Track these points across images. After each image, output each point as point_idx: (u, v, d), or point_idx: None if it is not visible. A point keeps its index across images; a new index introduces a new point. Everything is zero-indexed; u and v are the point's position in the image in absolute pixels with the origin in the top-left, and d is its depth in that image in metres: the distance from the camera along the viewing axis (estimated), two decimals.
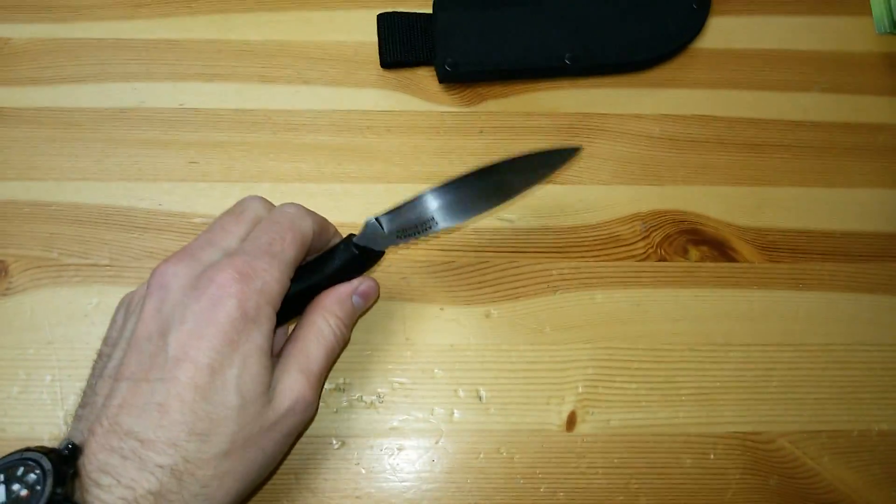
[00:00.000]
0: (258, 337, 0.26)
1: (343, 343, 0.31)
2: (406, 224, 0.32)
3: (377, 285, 0.33)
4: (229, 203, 0.38)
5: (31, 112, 0.40)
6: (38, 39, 0.42)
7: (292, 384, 0.28)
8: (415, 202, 0.32)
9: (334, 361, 0.32)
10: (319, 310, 0.30)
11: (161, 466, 0.24)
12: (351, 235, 0.32)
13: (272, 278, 0.27)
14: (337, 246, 0.32)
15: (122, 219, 0.38)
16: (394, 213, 0.32)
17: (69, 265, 0.37)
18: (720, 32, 0.45)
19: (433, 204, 0.32)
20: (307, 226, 0.30)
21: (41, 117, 0.40)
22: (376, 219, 0.32)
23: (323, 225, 0.32)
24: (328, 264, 0.31)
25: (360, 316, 0.36)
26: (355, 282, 0.32)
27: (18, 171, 0.39)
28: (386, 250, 0.32)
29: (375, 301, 0.34)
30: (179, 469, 0.25)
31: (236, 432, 0.25)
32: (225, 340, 0.25)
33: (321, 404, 0.35)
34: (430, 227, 0.32)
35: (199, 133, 0.40)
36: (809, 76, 0.45)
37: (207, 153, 0.40)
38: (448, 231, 0.38)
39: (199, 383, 0.25)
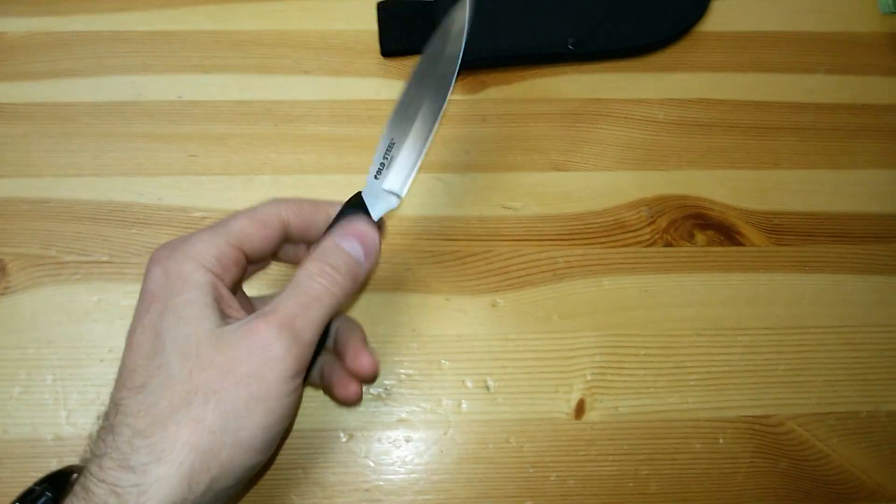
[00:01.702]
0: (184, 287, 0.26)
1: (336, 289, 0.27)
2: (383, 159, 0.31)
3: (371, 227, 0.29)
4: (230, 196, 0.38)
5: (27, 107, 0.40)
6: (34, 33, 0.41)
7: (246, 326, 0.25)
8: (381, 137, 0.31)
9: (330, 313, 0.27)
10: (302, 263, 0.28)
11: (104, 428, 0.25)
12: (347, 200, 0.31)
13: (198, 239, 0.27)
14: (338, 212, 0.30)
15: (121, 214, 0.38)
16: (378, 163, 0.31)
17: (68, 263, 0.36)
18: (723, 15, 0.45)
19: (394, 134, 0.31)
20: (271, 210, 0.29)
21: (37, 113, 0.40)
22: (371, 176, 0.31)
23: (298, 207, 0.30)
24: (326, 232, 0.30)
25: (371, 272, 0.33)
26: (337, 229, 0.29)
27: (15, 168, 0.38)
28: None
29: (379, 249, 0.30)
30: (116, 424, 0.24)
31: (172, 378, 0.24)
32: (151, 300, 0.26)
33: (326, 397, 0.35)
34: (395, 152, 0.31)
35: (199, 126, 0.40)
36: (814, 58, 0.44)
37: (207, 146, 0.39)
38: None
39: (134, 343, 0.25)
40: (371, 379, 0.35)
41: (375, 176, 0.31)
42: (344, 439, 0.34)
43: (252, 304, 0.31)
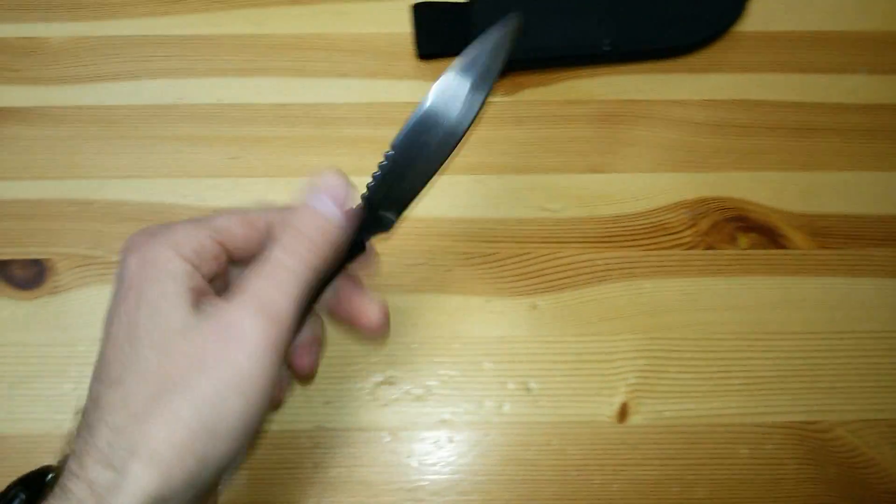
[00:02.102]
0: (160, 277, 0.25)
1: (313, 258, 0.25)
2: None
3: (334, 173, 0.27)
4: (272, 198, 0.39)
5: (73, 110, 0.40)
6: (76, 38, 0.42)
7: (216, 311, 0.24)
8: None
9: (306, 284, 0.25)
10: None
11: (83, 425, 0.24)
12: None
13: (178, 229, 0.26)
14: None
15: (165, 215, 0.38)
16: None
17: (115, 263, 0.37)
18: (761, 15, 0.44)
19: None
20: (259, 211, 0.28)
21: (82, 115, 0.40)
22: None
23: (282, 213, 0.28)
24: None
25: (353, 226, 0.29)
26: (308, 188, 0.27)
27: (62, 170, 0.39)
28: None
29: (349, 188, 0.27)
30: (93, 420, 0.23)
31: (146, 371, 0.24)
32: (126, 288, 0.25)
33: (369, 397, 0.35)
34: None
35: (239, 128, 0.40)
36: (855, 57, 0.44)
37: (248, 148, 0.40)
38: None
39: (111, 335, 0.25)
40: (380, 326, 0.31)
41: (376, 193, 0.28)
42: (387, 439, 0.34)
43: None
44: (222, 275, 0.28)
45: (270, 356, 0.24)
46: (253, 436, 0.25)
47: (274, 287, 0.25)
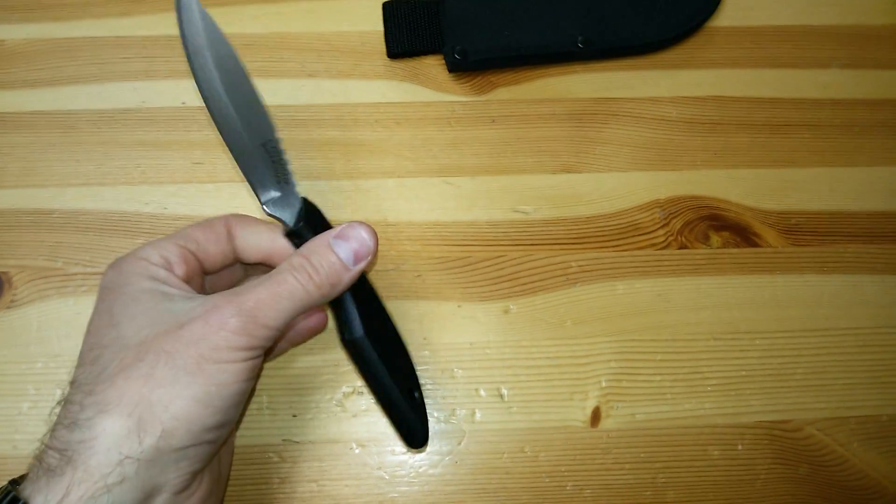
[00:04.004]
0: (133, 278, 0.27)
1: (313, 290, 0.27)
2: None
3: (370, 236, 0.29)
4: (237, 204, 0.38)
5: (29, 116, 0.39)
6: (34, 40, 0.41)
7: (206, 300, 0.26)
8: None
9: (299, 308, 0.27)
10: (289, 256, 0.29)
11: (59, 403, 0.25)
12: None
13: (148, 244, 0.28)
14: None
15: (127, 224, 0.37)
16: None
17: (75, 274, 0.36)
18: (736, 10, 0.44)
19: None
20: (220, 219, 0.30)
21: (39, 121, 0.39)
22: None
23: (247, 224, 0.31)
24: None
25: (372, 263, 0.34)
26: (336, 229, 0.29)
27: (18, 179, 0.38)
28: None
29: (374, 250, 0.29)
30: (68, 395, 0.25)
31: (124, 345, 0.25)
32: (105, 294, 0.27)
33: (338, 408, 0.34)
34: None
35: (203, 132, 0.39)
36: (828, 52, 0.43)
37: (212, 153, 0.39)
38: (459, 224, 0.37)
39: (91, 328, 0.27)
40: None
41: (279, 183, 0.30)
42: (357, 451, 0.34)
43: None
44: (196, 278, 0.29)
45: (248, 349, 0.26)
46: (233, 416, 0.26)
47: (269, 303, 0.26)
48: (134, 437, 0.23)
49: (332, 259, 0.28)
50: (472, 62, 0.40)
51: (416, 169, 0.39)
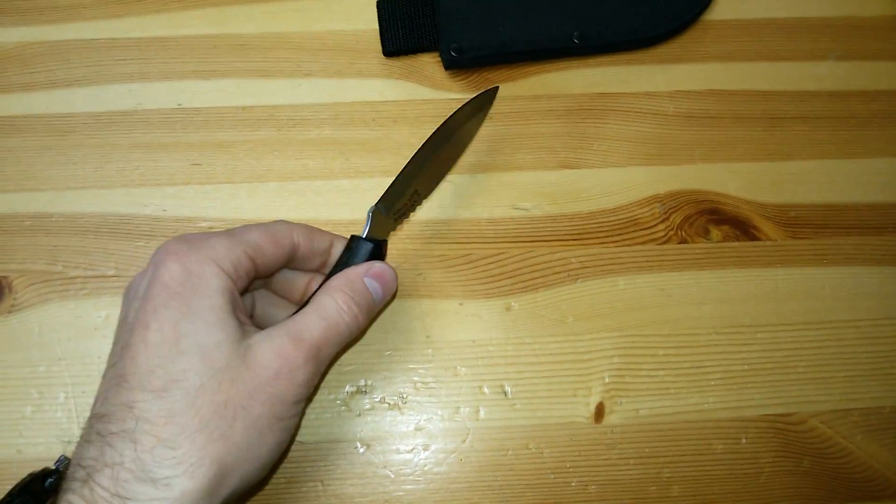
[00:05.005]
0: (207, 291, 0.25)
1: (354, 326, 0.28)
2: (400, 204, 0.33)
3: (392, 270, 0.31)
4: (236, 205, 0.38)
5: (24, 119, 0.39)
6: (27, 43, 0.40)
7: (275, 345, 0.25)
8: (400, 180, 0.32)
9: (343, 346, 0.29)
10: (326, 290, 0.28)
11: (115, 433, 0.23)
12: (354, 235, 0.31)
13: (217, 242, 0.27)
14: (347, 246, 0.31)
15: (126, 227, 0.37)
16: (387, 197, 0.32)
17: (75, 278, 0.36)
18: (730, 3, 0.44)
19: (413, 177, 0.33)
20: (284, 229, 0.30)
21: (35, 125, 0.39)
22: (376, 207, 0.31)
23: (308, 233, 0.31)
24: (341, 264, 0.30)
25: (382, 309, 0.35)
26: (365, 265, 0.30)
27: (15, 183, 0.37)
28: (388, 238, 0.32)
29: (395, 292, 0.33)
30: (132, 430, 0.23)
31: (200, 387, 0.24)
32: (169, 296, 0.25)
33: (342, 407, 0.34)
34: (418, 200, 0.34)
35: (201, 133, 0.39)
36: (824, 44, 0.44)
37: (210, 154, 0.39)
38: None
39: (149, 340, 0.24)
40: None
41: (387, 204, 0.32)
42: (361, 450, 0.34)
43: (247, 308, 0.31)
44: (247, 292, 0.30)
45: (306, 401, 0.27)
46: (281, 458, 0.28)
47: (326, 343, 0.27)
48: (206, 500, 0.23)
49: (369, 295, 0.29)
50: (469, 59, 0.40)
51: None
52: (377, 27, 0.41)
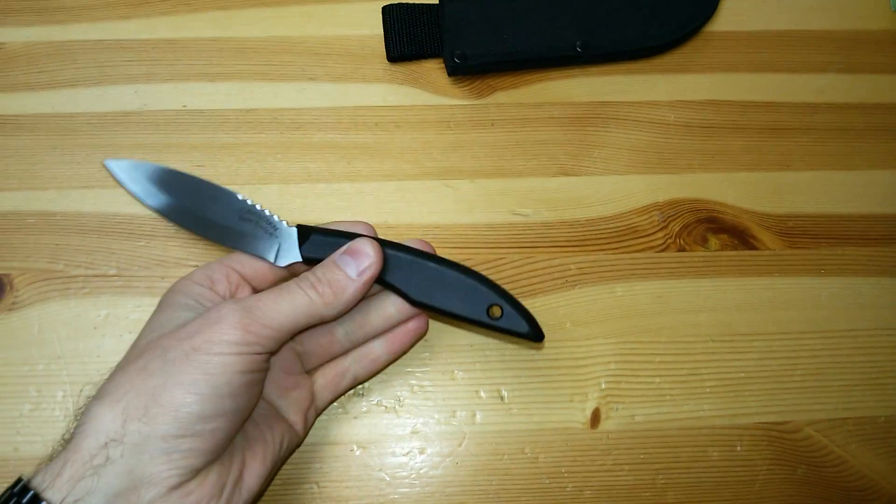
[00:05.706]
0: (175, 296, 0.30)
1: (315, 297, 0.29)
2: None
3: (369, 242, 0.31)
4: None
5: (30, 119, 0.39)
6: (34, 43, 0.41)
7: (219, 310, 0.28)
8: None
9: (303, 312, 0.29)
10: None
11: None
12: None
13: (202, 267, 0.31)
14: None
15: (128, 227, 0.37)
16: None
17: (76, 277, 0.36)
18: (733, 14, 0.44)
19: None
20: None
21: (40, 124, 0.39)
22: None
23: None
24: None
25: (368, 290, 0.32)
26: (341, 248, 0.31)
27: (19, 181, 0.38)
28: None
29: (376, 257, 0.30)
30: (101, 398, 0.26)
31: (133, 350, 0.28)
32: (160, 303, 0.30)
33: (339, 410, 0.35)
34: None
35: (204, 135, 0.39)
36: (825, 57, 0.44)
37: (213, 155, 0.39)
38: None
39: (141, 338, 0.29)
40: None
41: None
42: (357, 453, 0.34)
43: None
44: (241, 292, 0.31)
45: (242, 344, 0.27)
46: (234, 409, 0.27)
47: (270, 300, 0.28)
48: (118, 420, 0.25)
49: (336, 273, 0.30)
50: (472, 66, 0.41)
51: (416, 172, 0.39)
52: (382, 33, 0.42)
